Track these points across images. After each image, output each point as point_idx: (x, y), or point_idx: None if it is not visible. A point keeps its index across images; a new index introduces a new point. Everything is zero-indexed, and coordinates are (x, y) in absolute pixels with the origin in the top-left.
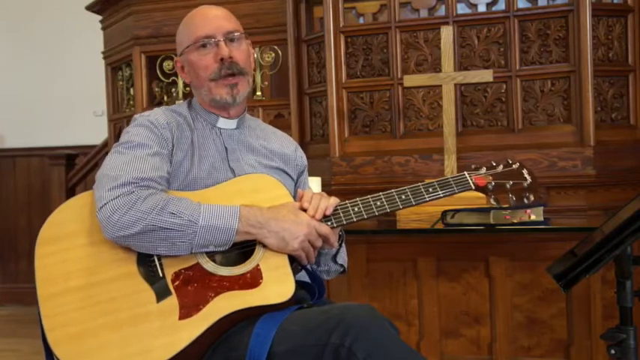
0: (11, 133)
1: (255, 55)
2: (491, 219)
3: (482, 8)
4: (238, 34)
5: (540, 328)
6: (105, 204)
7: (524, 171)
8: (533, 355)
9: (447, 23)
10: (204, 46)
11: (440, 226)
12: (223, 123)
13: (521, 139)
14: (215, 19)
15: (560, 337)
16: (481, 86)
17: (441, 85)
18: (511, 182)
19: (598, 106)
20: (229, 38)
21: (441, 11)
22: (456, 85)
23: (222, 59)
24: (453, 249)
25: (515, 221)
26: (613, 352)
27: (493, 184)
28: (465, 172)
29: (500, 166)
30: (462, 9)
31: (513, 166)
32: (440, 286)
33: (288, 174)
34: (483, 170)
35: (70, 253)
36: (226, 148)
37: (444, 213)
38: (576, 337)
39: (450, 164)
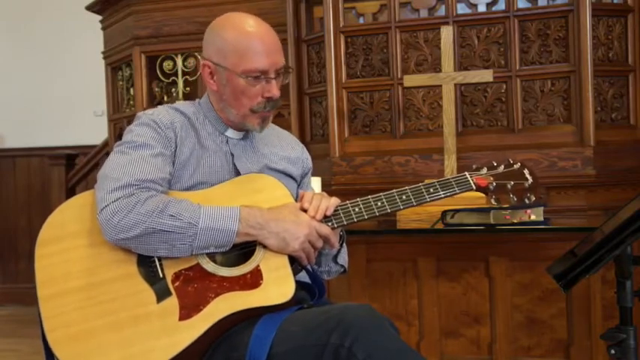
0: (11, 133)
1: None
2: (492, 219)
3: (482, 8)
4: (285, 70)
5: (540, 328)
6: (105, 206)
7: (526, 171)
8: (533, 355)
9: (447, 23)
10: (257, 77)
11: (440, 226)
12: (232, 133)
13: (521, 139)
14: (272, 52)
15: (560, 337)
16: (481, 86)
17: (441, 85)
18: (512, 183)
19: (598, 106)
20: (278, 74)
21: (441, 11)
22: (456, 85)
23: (269, 97)
24: (453, 249)
25: (515, 221)
26: (613, 352)
27: (494, 184)
28: (466, 173)
29: (502, 167)
30: (462, 9)
31: (514, 166)
32: (440, 286)
33: (292, 177)
34: (484, 171)
35: (70, 254)
36: (232, 154)
37: (444, 213)
38: (576, 337)
39: (450, 164)
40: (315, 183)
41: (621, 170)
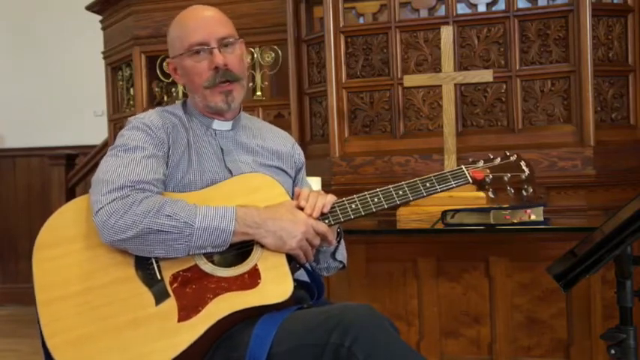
0: (11, 133)
1: (255, 55)
2: (492, 219)
3: (482, 8)
4: (232, 39)
5: (540, 328)
6: (101, 208)
7: (522, 163)
8: (533, 355)
9: (447, 23)
10: (197, 52)
11: (440, 226)
12: (218, 125)
13: (521, 139)
14: (208, 24)
15: (560, 337)
16: (481, 86)
17: (441, 85)
18: (509, 175)
19: (598, 106)
20: (223, 44)
21: (441, 11)
22: (456, 85)
23: (216, 67)
24: (453, 249)
25: (515, 221)
26: (613, 352)
27: (491, 177)
28: (463, 166)
29: (498, 159)
30: (462, 9)
31: (511, 158)
32: (440, 286)
33: (285, 172)
34: (481, 163)
35: (67, 258)
36: (222, 149)
37: (444, 213)
38: (576, 337)
39: (450, 164)
40: (315, 183)
41: (621, 170)
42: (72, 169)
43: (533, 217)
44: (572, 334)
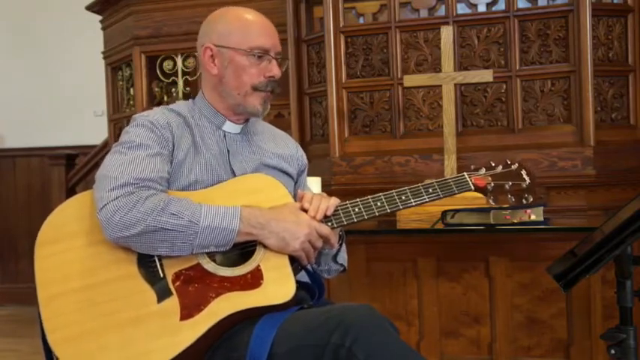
0: (11, 133)
1: None
2: (492, 219)
3: (482, 8)
4: (283, 57)
5: (540, 328)
6: (105, 204)
7: (523, 172)
8: (533, 355)
9: (447, 23)
10: (259, 57)
11: (440, 226)
12: (229, 127)
13: (521, 139)
14: (273, 35)
15: (560, 337)
16: (481, 86)
17: (441, 85)
18: (510, 183)
19: (598, 106)
20: (277, 58)
21: (441, 11)
22: (456, 85)
23: (271, 77)
24: (453, 249)
25: (515, 221)
26: (613, 352)
27: (492, 185)
28: (465, 173)
29: (500, 167)
30: (462, 9)
31: (512, 166)
32: (440, 286)
33: (289, 174)
34: (483, 171)
35: (69, 254)
36: (228, 151)
37: (444, 213)
38: (576, 337)
39: (450, 164)
40: (315, 183)
41: (621, 170)
42: (72, 169)
43: (533, 217)
44: (572, 334)
